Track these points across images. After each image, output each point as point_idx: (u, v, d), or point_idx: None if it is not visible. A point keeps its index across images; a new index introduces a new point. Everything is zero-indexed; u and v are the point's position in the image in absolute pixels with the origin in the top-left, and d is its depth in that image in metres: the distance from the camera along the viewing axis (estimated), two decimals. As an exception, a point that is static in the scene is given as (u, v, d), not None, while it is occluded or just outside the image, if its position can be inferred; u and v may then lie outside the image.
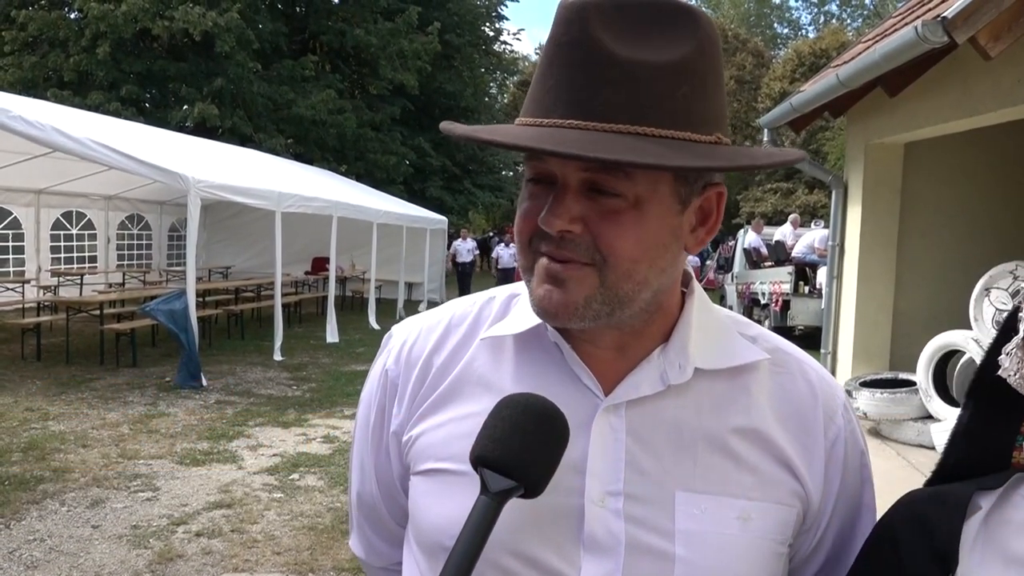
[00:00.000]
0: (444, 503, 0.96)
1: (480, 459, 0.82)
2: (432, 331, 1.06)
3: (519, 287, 1.05)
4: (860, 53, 5.67)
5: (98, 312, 10.39)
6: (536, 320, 0.96)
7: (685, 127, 0.84)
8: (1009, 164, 6.74)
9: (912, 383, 6.11)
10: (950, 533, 0.89)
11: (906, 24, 5.00)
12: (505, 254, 17.86)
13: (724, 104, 0.92)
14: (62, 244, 14.36)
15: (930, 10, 4.76)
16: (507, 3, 28.80)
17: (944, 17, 4.02)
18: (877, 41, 5.56)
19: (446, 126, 0.92)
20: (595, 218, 0.85)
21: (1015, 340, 0.86)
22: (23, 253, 13.47)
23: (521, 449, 0.81)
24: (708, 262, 27.00)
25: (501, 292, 1.08)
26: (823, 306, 8.24)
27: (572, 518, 0.90)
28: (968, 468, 0.92)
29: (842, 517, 0.99)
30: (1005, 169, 6.78)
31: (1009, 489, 0.89)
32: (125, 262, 16.01)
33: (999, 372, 0.88)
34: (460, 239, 20.13)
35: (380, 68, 22.46)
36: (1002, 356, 0.88)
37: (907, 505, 0.95)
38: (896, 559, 0.89)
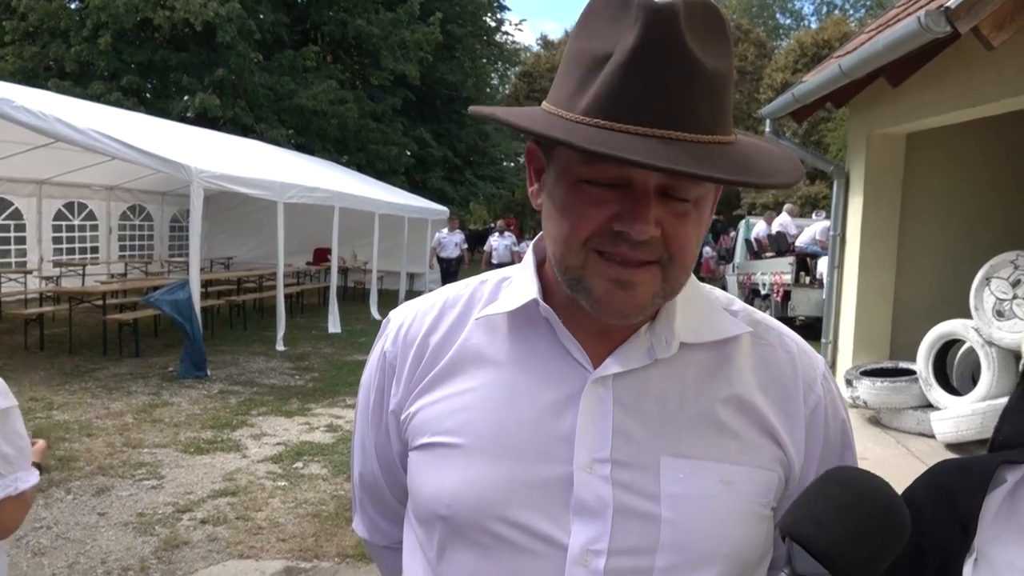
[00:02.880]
0: (439, 474, 1.00)
1: (792, 531, 0.77)
2: (427, 313, 1.09)
3: (509, 271, 1.09)
4: (863, 43, 5.68)
5: (101, 302, 10.42)
6: (528, 297, 1.00)
7: (729, 129, 0.89)
8: (1011, 154, 6.75)
9: (912, 372, 6.13)
10: (972, 502, 0.92)
11: (909, 14, 5.01)
12: (501, 246, 17.15)
13: None
14: (64, 235, 14.37)
15: (932, 0, 4.76)
16: (505, -6, 28.64)
17: (947, 7, 4.03)
18: (880, 31, 5.56)
19: (479, 112, 0.95)
20: (668, 221, 0.88)
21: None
22: (25, 244, 13.48)
23: (843, 538, 0.75)
24: (707, 248, 27.10)
25: (492, 276, 1.11)
26: (824, 295, 8.27)
27: (562, 485, 0.94)
28: (1018, 441, 0.94)
29: None
30: (1007, 159, 6.79)
31: None
32: (127, 253, 16.02)
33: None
34: (446, 230, 17.77)
35: (381, 59, 22.40)
36: None
37: (934, 474, 0.98)
38: (919, 525, 0.91)
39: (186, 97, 19.92)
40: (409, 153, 24.78)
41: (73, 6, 19.86)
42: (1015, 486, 0.91)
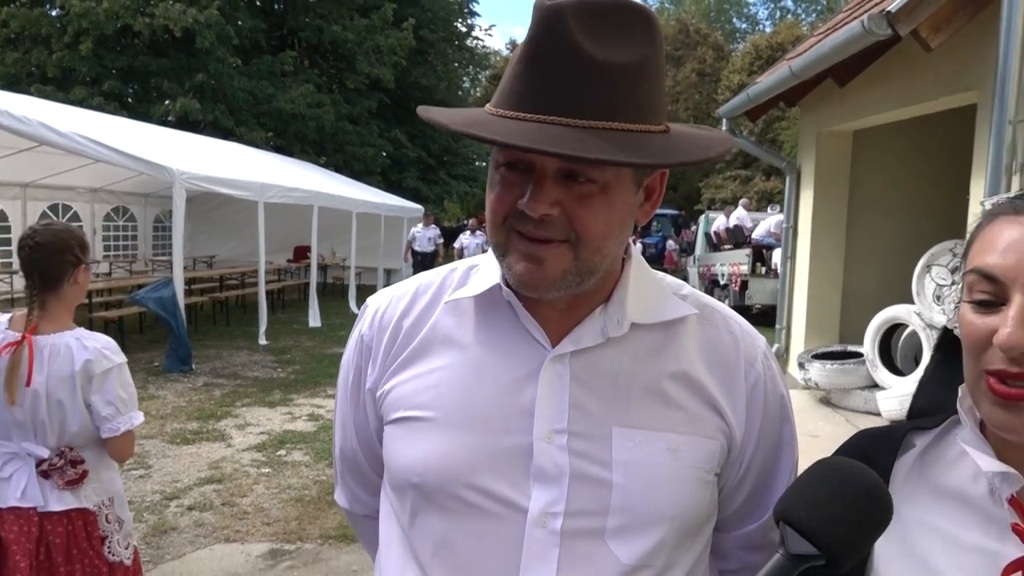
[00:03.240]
0: (411, 446, 1.03)
1: (786, 515, 0.79)
2: (401, 299, 1.12)
3: (478, 259, 1.12)
4: (812, 46, 5.75)
5: (87, 300, 10.27)
6: (492, 283, 1.03)
7: (647, 120, 0.91)
8: (950, 150, 6.85)
9: (860, 355, 6.24)
10: (885, 465, 0.96)
11: (855, 18, 5.08)
12: (472, 244, 17.01)
13: (665, 94, 0.99)
14: (49, 236, 14.11)
15: (876, 5, 4.84)
16: (475, 1, 28.58)
17: (888, 11, 4.09)
18: (827, 35, 5.64)
19: (424, 113, 0.98)
20: (570, 202, 0.91)
21: (951, 296, 0.91)
22: (10, 245, 13.21)
23: (835, 521, 0.77)
24: (670, 242, 27.30)
25: (462, 264, 1.14)
26: (778, 285, 8.38)
27: (523, 454, 0.97)
28: (931, 410, 0.98)
29: (765, 451, 1.07)
30: (946, 155, 6.90)
31: (944, 430, 0.96)
32: (111, 253, 15.78)
33: (947, 323, 0.94)
34: (421, 226, 17.22)
35: (357, 63, 22.26)
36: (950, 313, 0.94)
37: (854, 441, 1.03)
38: None
39: (167, 101, 19.64)
40: (385, 154, 24.65)
41: (54, 13, 19.50)
42: (924, 450, 0.95)
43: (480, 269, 1.09)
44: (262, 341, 10.50)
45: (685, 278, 15.98)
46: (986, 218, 0.86)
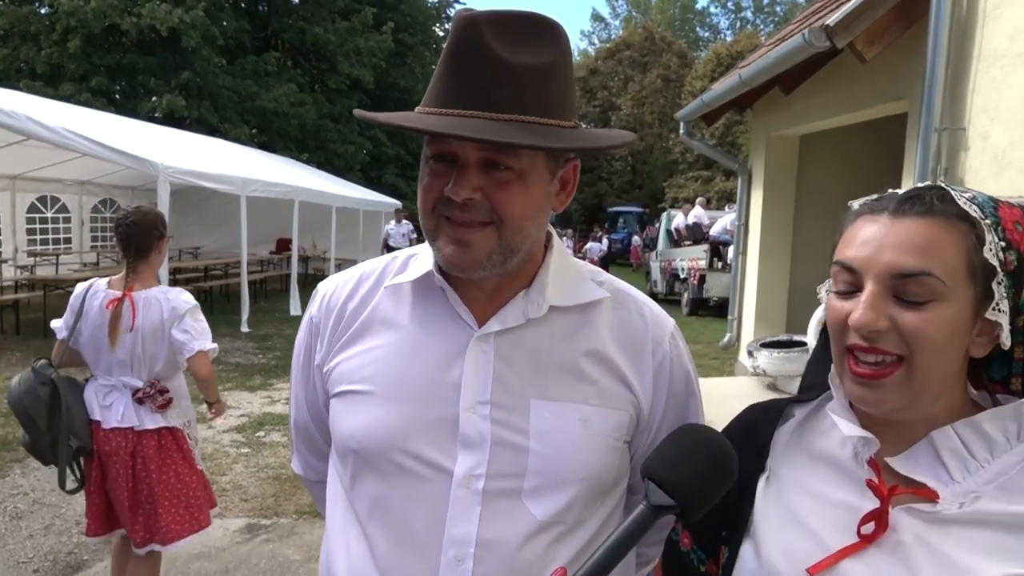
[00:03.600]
0: (353, 416, 1.09)
1: (649, 472, 0.85)
2: (347, 284, 1.18)
3: (417, 249, 1.17)
4: (761, 56, 5.86)
5: (73, 289, 10.15)
6: (426, 269, 1.09)
7: (556, 115, 0.98)
8: (888, 154, 7.00)
9: (804, 344, 6.38)
10: (767, 433, 1.04)
11: (800, 31, 5.19)
12: (396, 232, 16.69)
13: (576, 96, 1.06)
14: (37, 227, 13.89)
15: (820, 19, 4.95)
16: (456, 5, 28.48)
17: (827, 25, 4.20)
18: (776, 45, 5.75)
19: (360, 114, 1.05)
20: (491, 187, 0.98)
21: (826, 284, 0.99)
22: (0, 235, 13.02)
23: (688, 476, 0.84)
24: (635, 238, 27.42)
25: (402, 253, 1.20)
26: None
27: (451, 422, 1.03)
28: (815, 386, 1.05)
29: (671, 421, 1.13)
30: (885, 158, 7.03)
31: (820, 403, 1.04)
32: (99, 244, 15.56)
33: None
34: (394, 223, 16.92)
35: (338, 64, 22.15)
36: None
37: (744, 413, 1.10)
38: None
39: (154, 98, 19.39)
40: (365, 151, 24.54)
41: (43, 11, 19.13)
42: (802, 420, 1.03)
43: (418, 257, 1.15)
44: (244, 328, 10.46)
45: (648, 272, 16.11)
46: (850, 217, 0.95)
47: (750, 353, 6.76)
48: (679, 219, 16.80)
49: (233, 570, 3.77)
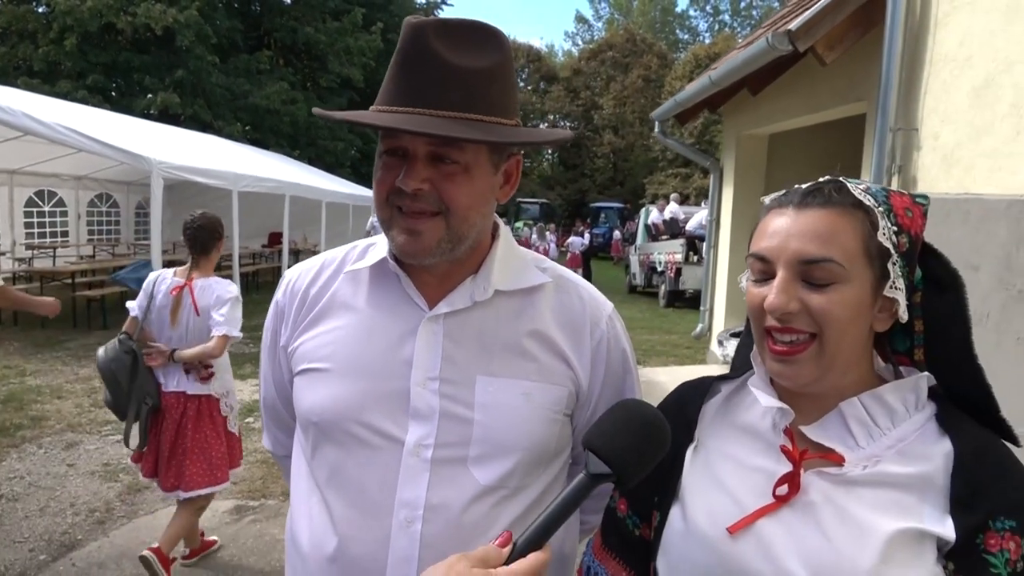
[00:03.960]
0: (313, 392, 1.14)
1: (588, 443, 0.89)
2: (311, 271, 1.23)
3: (376, 239, 1.22)
4: (730, 58, 5.92)
5: (70, 280, 10.12)
6: (381, 255, 1.14)
7: (498, 114, 1.04)
8: (851, 153, 7.10)
9: (770, 334, 6.47)
10: (695, 407, 1.09)
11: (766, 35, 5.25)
12: (380, 226, 16.71)
13: (517, 98, 1.11)
14: (35, 220, 13.77)
15: (786, 23, 5.01)
16: (444, 6, 28.37)
17: (789, 29, 4.26)
18: (743, 48, 5.81)
19: (318, 112, 1.09)
20: (439, 179, 1.03)
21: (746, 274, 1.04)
22: (-2, 228, 12.90)
23: (624, 447, 0.87)
24: (616, 232, 27.46)
25: (363, 242, 1.25)
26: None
27: (402, 396, 1.09)
28: (743, 366, 1.11)
29: (609, 396, 1.19)
30: (848, 157, 7.13)
31: (743, 380, 1.09)
32: (95, 237, 15.45)
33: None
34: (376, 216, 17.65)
35: (329, 63, 22.06)
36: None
37: (676, 390, 1.16)
38: None
39: (149, 96, 19.23)
40: (355, 148, 24.45)
41: (41, 10, 18.92)
42: (728, 395, 1.09)
43: (376, 246, 1.20)
44: (236, 319, 10.41)
45: (628, 266, 16.13)
46: (763, 212, 1.00)
47: (720, 342, 6.85)
48: (654, 214, 16.89)
49: (221, 549, 3.80)
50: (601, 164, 40.37)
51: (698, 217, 14.61)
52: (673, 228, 15.31)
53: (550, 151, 42.71)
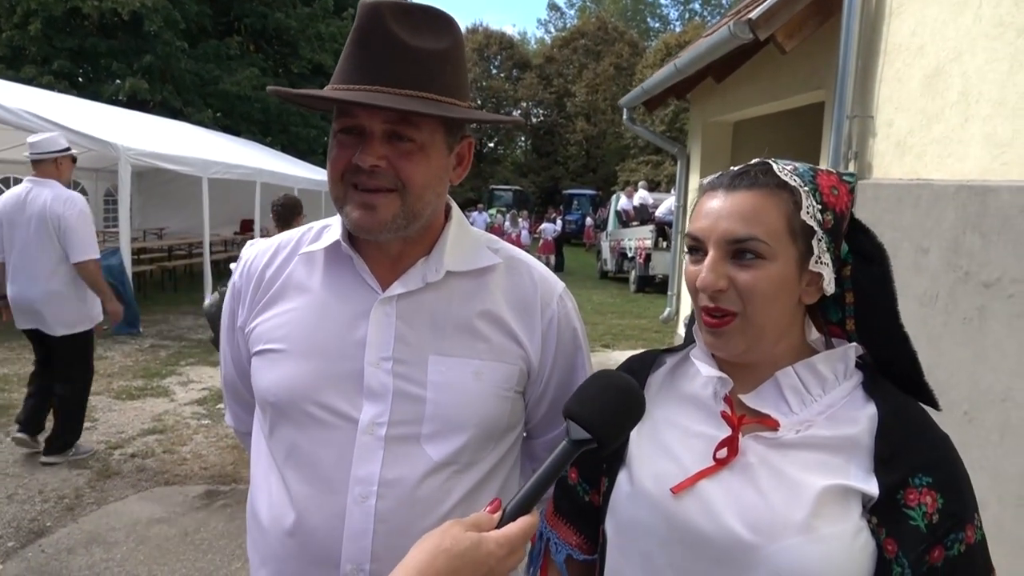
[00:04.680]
0: (270, 372, 1.15)
1: (569, 413, 0.92)
2: (266, 252, 1.24)
3: (330, 220, 1.23)
4: (694, 47, 5.96)
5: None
6: (335, 238, 1.15)
7: (453, 95, 1.06)
8: (810, 139, 7.21)
9: (735, 317, 6.57)
10: (641, 378, 1.13)
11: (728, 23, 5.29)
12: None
13: (468, 82, 1.13)
14: (1, 208, 13.47)
15: (748, 12, 5.06)
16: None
17: (750, 18, 4.31)
18: (707, 37, 5.86)
19: (272, 90, 1.10)
20: (395, 157, 1.04)
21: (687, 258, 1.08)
22: (-37, 216, 12.58)
23: (602, 414, 0.91)
24: (588, 219, 27.55)
25: (317, 224, 1.26)
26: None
27: (357, 376, 1.10)
28: (690, 340, 1.15)
29: (560, 373, 1.22)
30: (808, 143, 7.24)
31: (687, 353, 1.13)
32: (63, 224, 15.13)
33: None
34: None
35: (300, 49, 21.77)
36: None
37: (625, 361, 1.19)
38: None
39: (117, 81, 18.84)
40: (327, 135, 24.20)
41: (2, -7, 18.41)
42: (672, 367, 1.13)
43: (331, 228, 1.21)
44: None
45: (599, 252, 16.22)
46: (698, 194, 1.04)
47: (687, 326, 6.94)
48: (624, 201, 16.98)
49: (192, 533, 3.79)
50: (574, 151, 40.41)
51: (667, 204, 14.70)
52: (642, 215, 15.41)
53: (523, 138, 42.63)
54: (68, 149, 4.85)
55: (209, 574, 3.41)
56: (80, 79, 19.26)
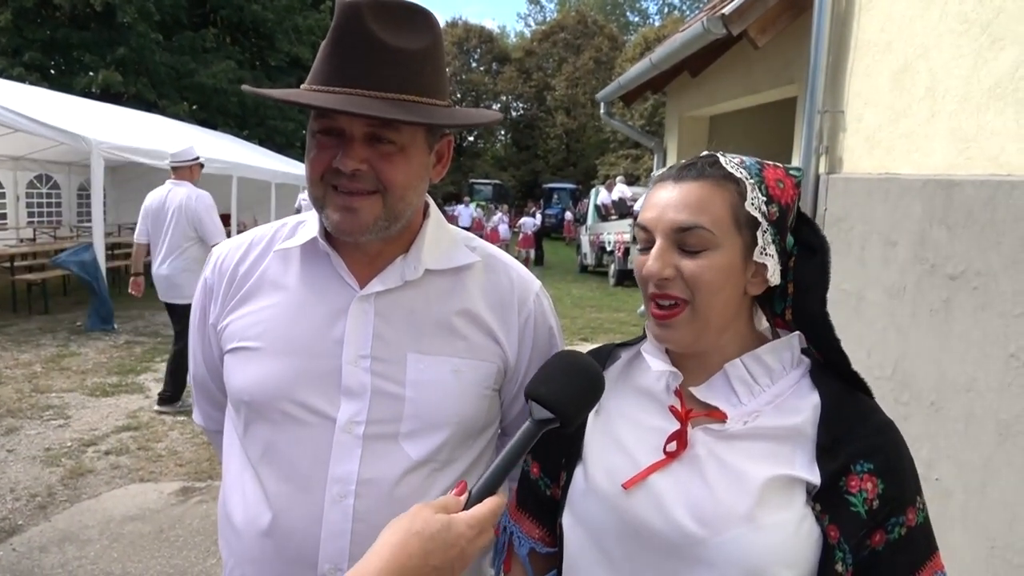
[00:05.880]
0: (244, 370, 1.14)
1: (531, 393, 0.93)
2: (239, 248, 1.22)
3: (305, 216, 1.21)
4: (669, 41, 5.99)
5: (9, 264, 9.76)
6: (312, 234, 1.14)
7: (433, 95, 1.04)
8: (785, 133, 7.27)
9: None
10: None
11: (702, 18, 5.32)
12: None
13: (447, 79, 1.12)
14: (-29, 202, 13.25)
15: (722, 8, 5.09)
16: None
17: (723, 13, 4.33)
18: (683, 31, 5.88)
19: (248, 89, 1.08)
20: (376, 159, 1.03)
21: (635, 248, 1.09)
22: (-68, 210, 12.35)
23: (563, 393, 0.92)
24: (568, 213, 27.57)
25: (292, 219, 1.25)
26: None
27: (335, 374, 1.10)
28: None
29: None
30: (786, 137, 7.32)
31: (642, 347, 1.15)
32: (36, 220, 14.88)
33: None
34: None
35: (277, 41, 21.59)
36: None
37: (586, 355, 1.20)
38: None
39: (89, 73, 18.55)
40: (304, 129, 24.01)
41: (-29, -17, 18.03)
42: (627, 361, 1.14)
43: (306, 224, 1.20)
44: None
45: (579, 246, 16.27)
46: (650, 185, 1.05)
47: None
48: (603, 195, 17.02)
49: (167, 530, 3.77)
50: (554, 145, 40.42)
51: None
52: (622, 209, 15.45)
53: (503, 132, 42.52)
54: (198, 158, 6.06)
55: (184, 571, 3.39)
56: (52, 71, 18.95)
